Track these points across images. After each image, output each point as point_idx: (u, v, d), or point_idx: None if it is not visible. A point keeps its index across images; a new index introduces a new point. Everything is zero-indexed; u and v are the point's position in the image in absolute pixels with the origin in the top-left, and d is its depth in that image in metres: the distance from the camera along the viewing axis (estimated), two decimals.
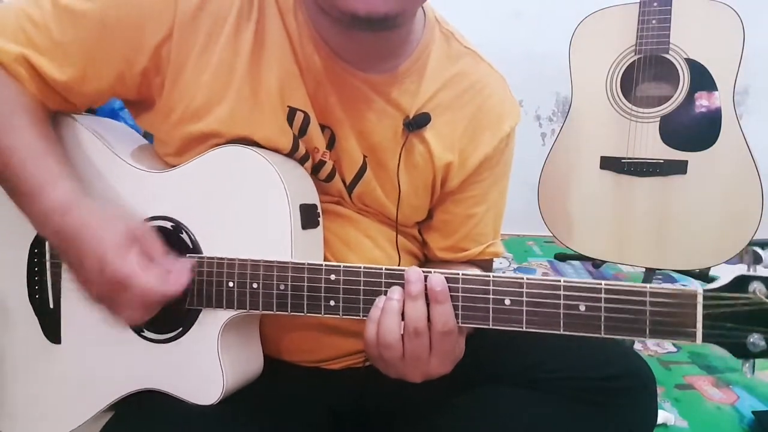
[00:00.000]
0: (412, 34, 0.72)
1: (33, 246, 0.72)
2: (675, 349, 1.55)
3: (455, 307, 0.57)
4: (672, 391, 1.34)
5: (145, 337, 0.67)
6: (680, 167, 1.49)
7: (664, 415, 1.20)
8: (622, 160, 1.54)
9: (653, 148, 1.51)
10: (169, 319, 0.65)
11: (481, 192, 0.79)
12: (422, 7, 0.72)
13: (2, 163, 0.63)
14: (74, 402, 0.70)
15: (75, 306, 0.70)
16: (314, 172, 0.72)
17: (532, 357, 0.70)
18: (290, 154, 0.69)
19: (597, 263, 1.95)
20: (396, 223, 0.77)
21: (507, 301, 0.56)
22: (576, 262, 2.15)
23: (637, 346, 1.55)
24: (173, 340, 0.65)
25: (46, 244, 0.72)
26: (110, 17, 0.64)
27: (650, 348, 1.56)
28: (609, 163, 1.57)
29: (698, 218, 1.48)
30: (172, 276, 0.60)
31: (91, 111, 0.79)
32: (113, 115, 1.28)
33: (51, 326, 0.71)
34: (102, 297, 0.60)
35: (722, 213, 1.46)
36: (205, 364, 0.64)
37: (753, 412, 1.22)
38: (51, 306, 0.71)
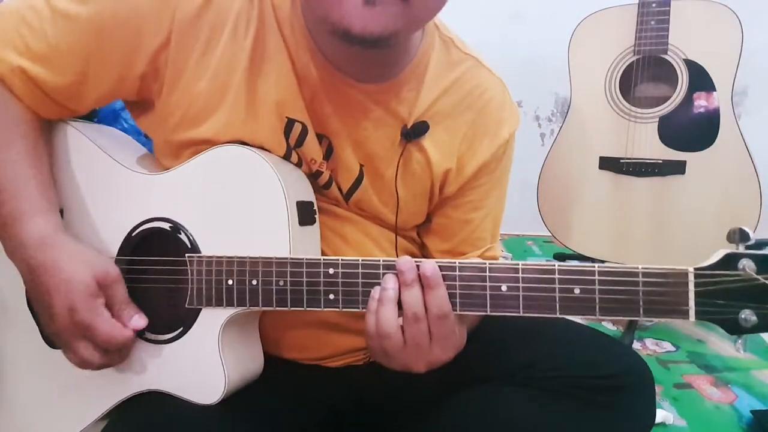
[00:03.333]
0: (410, 41, 0.70)
1: None
2: (674, 349, 1.55)
3: (452, 295, 0.58)
4: (670, 390, 1.33)
5: (145, 339, 0.66)
6: (679, 167, 1.49)
7: (662, 414, 1.19)
8: (621, 161, 1.55)
9: (652, 148, 1.52)
10: (169, 319, 0.65)
11: (479, 197, 0.79)
12: None
13: None
14: (75, 407, 0.68)
15: None
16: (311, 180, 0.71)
17: (530, 356, 0.70)
18: None
19: (596, 263, 1.95)
20: (396, 231, 0.76)
21: (503, 287, 0.57)
22: (575, 262, 2.14)
23: (636, 345, 1.54)
24: (174, 341, 0.65)
25: None
26: (107, 20, 0.64)
27: (649, 347, 1.55)
28: (608, 164, 1.57)
29: (697, 218, 1.49)
30: (128, 326, 0.63)
31: (93, 111, 0.79)
32: (114, 115, 1.28)
33: None
34: (64, 334, 0.62)
35: (721, 213, 1.47)
36: (207, 363, 0.63)
37: (751, 412, 1.22)
38: None
